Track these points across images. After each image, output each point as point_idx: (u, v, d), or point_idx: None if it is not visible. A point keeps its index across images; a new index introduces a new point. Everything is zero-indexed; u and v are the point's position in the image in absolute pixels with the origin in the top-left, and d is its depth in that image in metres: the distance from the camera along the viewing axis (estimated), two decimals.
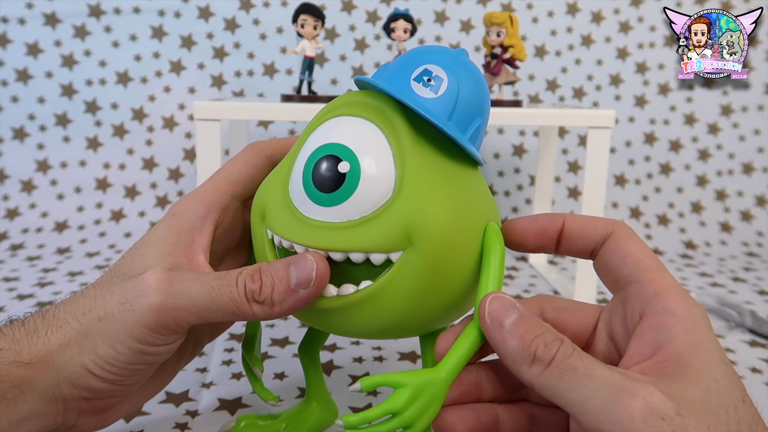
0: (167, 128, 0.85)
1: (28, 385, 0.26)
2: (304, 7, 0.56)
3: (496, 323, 0.25)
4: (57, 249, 0.75)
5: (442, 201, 0.26)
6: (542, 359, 0.23)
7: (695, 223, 0.87)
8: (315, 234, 0.26)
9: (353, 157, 0.26)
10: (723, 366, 0.23)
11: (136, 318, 0.26)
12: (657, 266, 0.26)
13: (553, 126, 0.73)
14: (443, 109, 0.27)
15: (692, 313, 0.24)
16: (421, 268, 0.26)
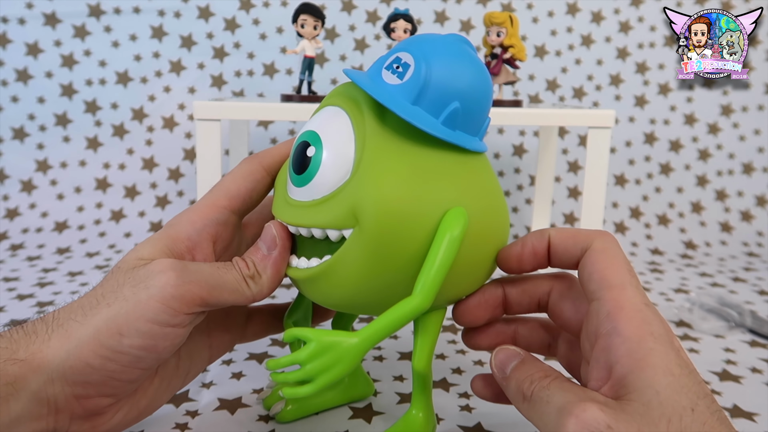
0: (167, 128, 0.85)
1: (21, 383, 0.26)
2: (304, 7, 0.56)
3: (501, 371, 0.29)
4: (57, 249, 0.75)
5: (391, 183, 0.27)
6: (526, 395, 0.27)
7: (695, 223, 0.87)
8: (290, 212, 0.30)
9: (319, 142, 0.29)
10: (668, 378, 0.23)
11: (151, 293, 0.27)
12: (619, 283, 0.26)
13: (553, 126, 0.73)
14: (407, 93, 0.27)
15: (639, 331, 0.25)
16: (366, 246, 0.27)
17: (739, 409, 0.40)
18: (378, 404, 0.39)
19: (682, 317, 0.55)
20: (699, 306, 0.56)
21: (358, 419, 0.37)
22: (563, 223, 0.86)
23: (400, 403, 0.39)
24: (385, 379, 0.42)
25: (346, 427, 0.36)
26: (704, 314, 0.55)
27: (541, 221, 0.75)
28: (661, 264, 0.76)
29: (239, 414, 0.37)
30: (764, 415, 0.39)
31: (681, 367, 0.24)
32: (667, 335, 0.25)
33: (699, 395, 0.23)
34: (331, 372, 0.27)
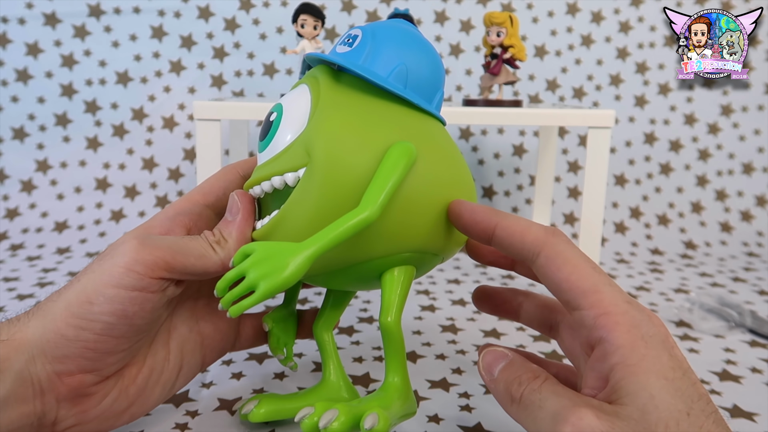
0: (167, 128, 0.85)
1: (4, 364, 0.26)
2: (304, 7, 0.56)
3: (489, 374, 0.29)
4: (57, 249, 0.75)
5: (339, 123, 0.29)
6: (516, 398, 0.26)
7: (695, 223, 0.87)
8: (256, 173, 0.32)
9: (280, 109, 0.32)
10: (663, 382, 0.23)
11: (115, 261, 0.28)
12: (592, 287, 0.26)
13: (553, 126, 0.73)
14: (356, 56, 0.31)
15: (630, 336, 0.24)
16: (319, 179, 0.28)
17: (739, 409, 0.40)
18: None
19: (682, 317, 0.55)
20: (699, 306, 0.56)
21: None
22: (563, 223, 0.86)
23: None
24: None
25: None
26: (704, 314, 0.55)
27: (541, 221, 0.75)
28: (661, 264, 0.76)
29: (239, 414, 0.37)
30: (764, 415, 0.39)
31: (675, 370, 0.24)
32: (657, 335, 0.25)
33: (694, 398, 0.23)
34: (274, 278, 0.27)
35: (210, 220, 0.34)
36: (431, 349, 0.47)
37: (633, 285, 0.67)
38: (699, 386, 0.24)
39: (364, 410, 0.28)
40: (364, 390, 0.41)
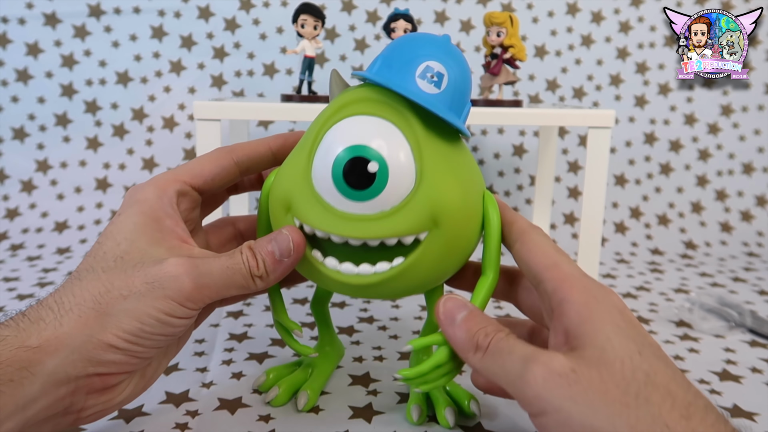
0: (167, 128, 0.85)
1: (36, 367, 0.27)
2: (304, 7, 0.56)
3: (449, 319, 0.31)
4: (57, 249, 0.75)
5: (453, 185, 0.31)
6: (482, 346, 0.29)
7: (695, 223, 0.87)
8: (352, 226, 0.30)
9: (380, 158, 0.30)
10: (616, 328, 0.27)
11: (167, 294, 0.29)
12: (553, 263, 0.30)
13: (553, 126, 0.73)
14: (446, 101, 0.31)
15: (584, 295, 0.28)
16: (444, 242, 0.31)
17: (739, 409, 0.40)
18: (378, 404, 0.39)
19: (682, 317, 0.55)
20: (699, 306, 0.56)
21: (358, 419, 0.37)
22: (563, 223, 0.86)
23: (400, 403, 0.39)
24: (385, 379, 0.42)
25: (346, 427, 0.36)
26: (704, 314, 0.55)
27: (541, 221, 0.75)
28: (661, 264, 0.76)
29: (239, 414, 0.37)
30: (764, 415, 0.39)
31: (625, 322, 0.27)
32: (608, 298, 0.28)
33: (644, 344, 0.27)
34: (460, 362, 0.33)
35: (194, 201, 0.35)
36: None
37: (633, 285, 0.67)
38: (650, 338, 0.27)
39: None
40: (363, 390, 0.41)
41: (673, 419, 0.24)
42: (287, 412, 0.38)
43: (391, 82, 0.31)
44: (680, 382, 0.26)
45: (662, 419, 0.24)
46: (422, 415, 0.36)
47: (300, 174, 0.32)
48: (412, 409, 0.37)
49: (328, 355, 0.41)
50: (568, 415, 0.25)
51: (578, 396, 0.25)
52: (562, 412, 0.25)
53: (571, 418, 0.25)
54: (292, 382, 0.39)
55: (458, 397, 0.38)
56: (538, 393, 0.26)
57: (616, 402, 0.24)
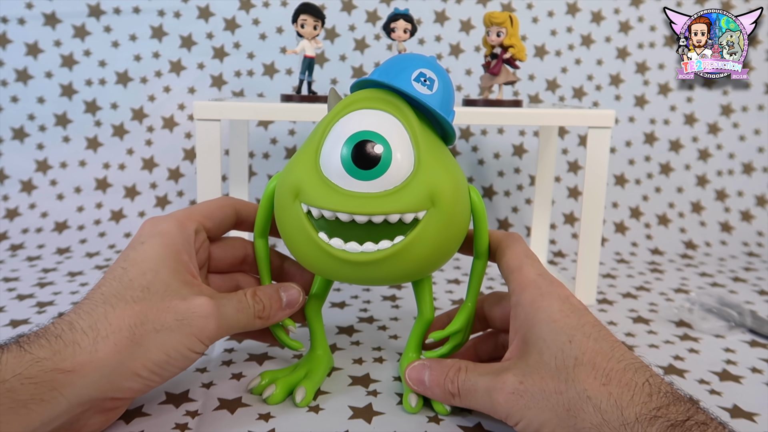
0: (167, 128, 0.85)
1: (66, 389, 0.29)
2: (304, 7, 0.56)
3: (420, 385, 0.37)
4: (57, 249, 0.75)
5: (446, 172, 0.35)
6: (454, 393, 0.34)
7: (695, 223, 0.87)
8: (358, 202, 0.33)
9: (384, 141, 0.34)
10: (550, 325, 0.32)
11: (194, 332, 0.33)
12: (517, 266, 0.35)
13: (553, 126, 0.73)
14: (438, 102, 0.36)
15: (531, 296, 0.33)
16: (441, 222, 0.35)
17: (739, 409, 0.40)
18: (378, 404, 0.39)
19: (682, 317, 0.55)
20: (699, 306, 0.56)
21: (358, 419, 0.37)
22: (563, 223, 0.86)
23: (400, 404, 0.39)
24: (385, 380, 0.42)
25: (346, 427, 0.36)
26: (704, 314, 0.55)
27: (541, 221, 0.75)
28: (661, 264, 0.76)
29: (239, 414, 0.37)
30: (764, 415, 0.39)
31: (562, 312, 0.32)
32: (553, 292, 0.33)
33: (576, 328, 0.31)
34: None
35: (205, 240, 0.39)
36: None
37: (633, 285, 0.67)
38: (586, 317, 0.32)
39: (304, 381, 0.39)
40: (363, 390, 0.41)
41: (594, 388, 0.29)
42: (287, 412, 0.38)
43: (391, 81, 0.35)
44: (605, 353, 0.30)
45: (585, 393, 0.29)
46: (420, 403, 0.38)
47: (309, 164, 0.35)
48: (409, 398, 0.38)
49: (320, 358, 0.42)
50: (529, 419, 0.31)
51: (531, 403, 0.30)
52: (525, 419, 0.31)
53: (532, 421, 0.31)
54: (289, 380, 0.39)
55: None
56: (505, 412, 0.32)
57: (554, 393, 0.30)
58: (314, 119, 0.55)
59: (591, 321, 0.32)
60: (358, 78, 0.38)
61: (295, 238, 0.36)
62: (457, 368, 0.35)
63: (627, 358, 0.30)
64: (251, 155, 0.85)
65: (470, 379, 0.34)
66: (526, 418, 0.31)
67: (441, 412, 0.38)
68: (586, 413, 0.28)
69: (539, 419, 0.30)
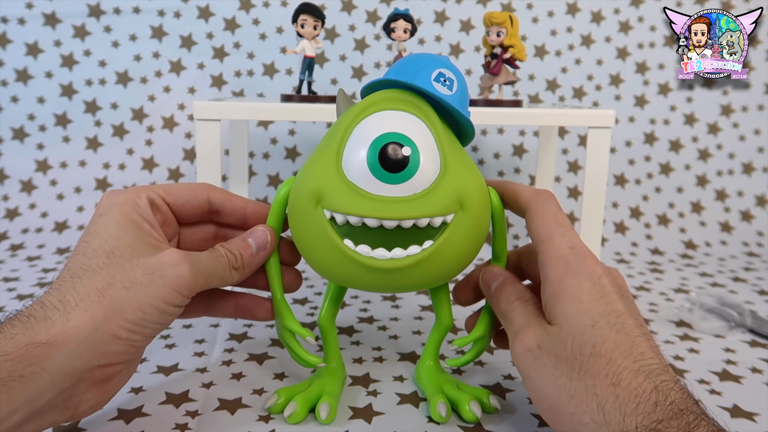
0: (167, 128, 0.85)
1: (46, 362, 0.28)
2: (304, 7, 0.56)
3: (487, 288, 0.38)
4: (57, 249, 0.75)
5: (471, 173, 0.35)
6: (502, 312, 0.35)
7: (695, 223, 0.87)
8: (387, 207, 0.32)
9: (411, 143, 0.33)
10: (576, 305, 0.31)
11: (168, 282, 0.32)
12: (548, 236, 0.33)
13: (553, 126, 0.73)
14: (458, 103, 0.35)
15: (560, 272, 0.32)
16: (469, 225, 0.34)
17: (739, 409, 0.40)
18: (378, 404, 0.39)
19: (682, 317, 0.55)
20: (699, 306, 0.56)
21: (358, 419, 0.37)
22: None
23: (400, 404, 0.39)
24: (385, 380, 0.42)
25: (346, 428, 0.36)
26: (704, 314, 0.55)
27: None
28: (661, 264, 0.76)
29: (239, 414, 0.37)
30: (764, 415, 0.39)
31: (591, 294, 0.31)
32: (585, 269, 0.32)
33: (602, 314, 0.30)
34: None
35: (166, 215, 0.37)
36: None
37: (633, 285, 0.67)
38: (613, 305, 0.31)
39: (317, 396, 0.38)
40: (363, 390, 0.41)
41: (602, 387, 0.29)
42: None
43: (412, 81, 0.34)
44: (624, 347, 0.29)
45: (593, 389, 0.29)
46: (449, 412, 0.37)
47: (330, 167, 0.34)
48: (438, 407, 0.36)
49: (335, 371, 0.40)
50: (533, 383, 0.31)
51: (539, 369, 0.31)
52: (530, 381, 0.32)
53: (535, 385, 0.31)
54: (308, 396, 0.37)
55: (477, 394, 0.38)
56: (516, 362, 0.33)
57: (563, 375, 0.30)
58: (314, 119, 0.55)
59: (617, 309, 0.31)
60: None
61: (317, 246, 0.34)
62: (518, 296, 0.35)
63: (643, 359, 0.29)
64: (251, 155, 0.85)
65: (515, 310, 0.34)
66: (532, 380, 0.31)
67: (470, 419, 0.36)
68: (589, 408, 0.28)
69: (543, 390, 0.31)
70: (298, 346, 0.38)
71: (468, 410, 0.36)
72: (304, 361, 0.38)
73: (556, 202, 0.35)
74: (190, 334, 0.49)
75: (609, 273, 0.33)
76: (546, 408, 0.31)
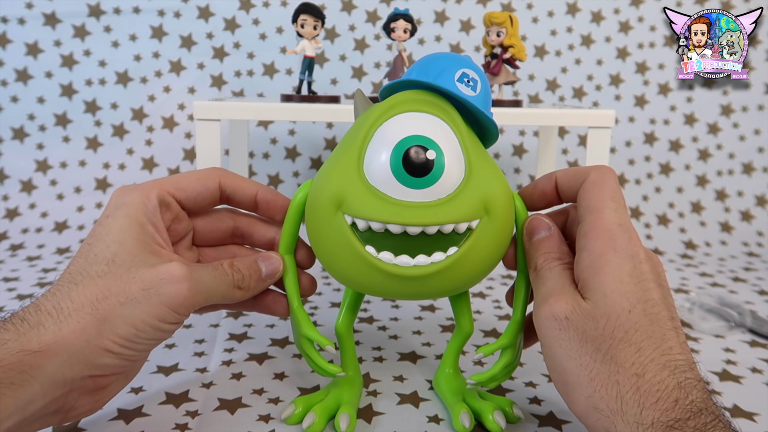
0: (167, 128, 0.85)
1: (37, 370, 0.28)
2: (304, 7, 0.56)
3: (528, 236, 0.35)
4: (57, 249, 0.75)
5: (497, 176, 0.34)
6: (537, 267, 0.33)
7: (695, 223, 0.87)
8: (412, 213, 0.31)
9: (436, 147, 0.32)
10: (616, 284, 0.29)
11: (163, 300, 0.31)
12: (598, 208, 0.32)
13: (553, 126, 0.73)
14: (482, 103, 0.34)
15: (603, 246, 0.30)
16: (494, 230, 0.33)
17: (739, 409, 0.40)
18: (378, 404, 0.39)
19: (682, 317, 0.55)
20: (699, 306, 0.56)
21: (358, 419, 0.37)
22: None
23: (400, 404, 0.39)
24: (385, 380, 0.42)
25: None
26: (704, 314, 0.55)
27: None
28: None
29: (239, 414, 0.37)
30: (764, 415, 0.39)
31: (631, 277, 0.29)
32: (629, 250, 0.30)
33: (640, 300, 0.29)
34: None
35: (176, 212, 0.36)
36: (431, 349, 0.47)
37: None
38: (650, 293, 0.30)
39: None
40: (364, 390, 0.41)
41: (625, 377, 0.28)
42: None
43: (435, 82, 0.33)
44: (655, 339, 0.28)
45: (616, 377, 0.28)
46: (473, 422, 0.36)
47: (350, 171, 0.32)
48: (461, 417, 0.35)
49: (352, 380, 0.39)
50: (553, 353, 0.30)
51: (563, 341, 0.30)
52: (550, 350, 0.30)
53: (555, 356, 0.30)
54: (326, 407, 0.36)
55: (501, 403, 0.37)
56: (538, 326, 0.31)
57: (587, 355, 0.29)
58: (314, 119, 0.56)
59: (653, 298, 0.29)
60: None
61: (337, 253, 0.33)
62: (558, 257, 0.33)
63: (671, 353, 0.28)
64: (251, 155, 0.85)
65: (552, 271, 0.32)
66: (552, 350, 0.30)
67: (495, 430, 0.35)
68: (607, 394, 0.28)
69: (563, 364, 0.29)
70: (317, 355, 0.37)
71: (492, 420, 0.35)
72: (323, 370, 0.36)
73: (616, 179, 0.34)
74: (190, 334, 0.49)
75: (650, 259, 0.31)
76: (561, 382, 0.30)
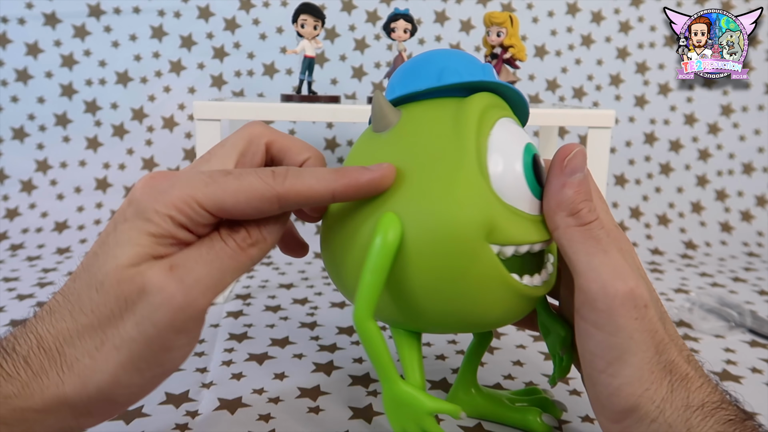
0: (167, 128, 0.85)
1: (37, 426, 0.26)
2: (304, 7, 0.56)
3: (569, 171, 0.28)
4: (57, 249, 0.75)
5: None
6: (581, 218, 0.28)
7: (695, 223, 0.87)
8: (542, 228, 0.29)
9: (536, 150, 0.30)
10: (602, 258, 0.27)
11: (160, 328, 0.25)
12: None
13: (553, 126, 0.73)
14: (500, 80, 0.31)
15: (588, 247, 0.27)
16: None
17: None
18: (378, 404, 0.39)
19: (682, 317, 0.55)
20: (699, 306, 0.56)
21: (358, 419, 0.37)
22: None
23: None
24: None
25: (346, 427, 0.36)
26: (704, 314, 0.55)
27: None
28: (661, 264, 0.76)
29: (239, 414, 0.37)
30: (764, 415, 0.39)
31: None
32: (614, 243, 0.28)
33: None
34: None
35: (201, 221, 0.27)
36: (431, 350, 0.47)
37: None
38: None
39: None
40: (363, 390, 0.41)
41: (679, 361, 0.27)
42: (287, 412, 0.38)
43: (483, 77, 0.30)
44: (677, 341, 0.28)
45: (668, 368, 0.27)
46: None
47: (479, 192, 0.27)
48: (545, 419, 0.35)
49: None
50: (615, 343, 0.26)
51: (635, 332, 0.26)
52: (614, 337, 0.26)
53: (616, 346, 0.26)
54: None
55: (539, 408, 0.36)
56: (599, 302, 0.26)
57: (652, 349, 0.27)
58: (314, 119, 0.56)
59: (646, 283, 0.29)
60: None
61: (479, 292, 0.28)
62: (591, 208, 0.28)
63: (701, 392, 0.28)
64: None
65: (610, 236, 0.28)
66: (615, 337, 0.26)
67: (544, 431, 0.35)
68: (661, 386, 0.26)
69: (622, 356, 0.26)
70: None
71: (541, 423, 0.35)
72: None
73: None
74: None
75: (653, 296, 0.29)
76: (611, 373, 0.27)
